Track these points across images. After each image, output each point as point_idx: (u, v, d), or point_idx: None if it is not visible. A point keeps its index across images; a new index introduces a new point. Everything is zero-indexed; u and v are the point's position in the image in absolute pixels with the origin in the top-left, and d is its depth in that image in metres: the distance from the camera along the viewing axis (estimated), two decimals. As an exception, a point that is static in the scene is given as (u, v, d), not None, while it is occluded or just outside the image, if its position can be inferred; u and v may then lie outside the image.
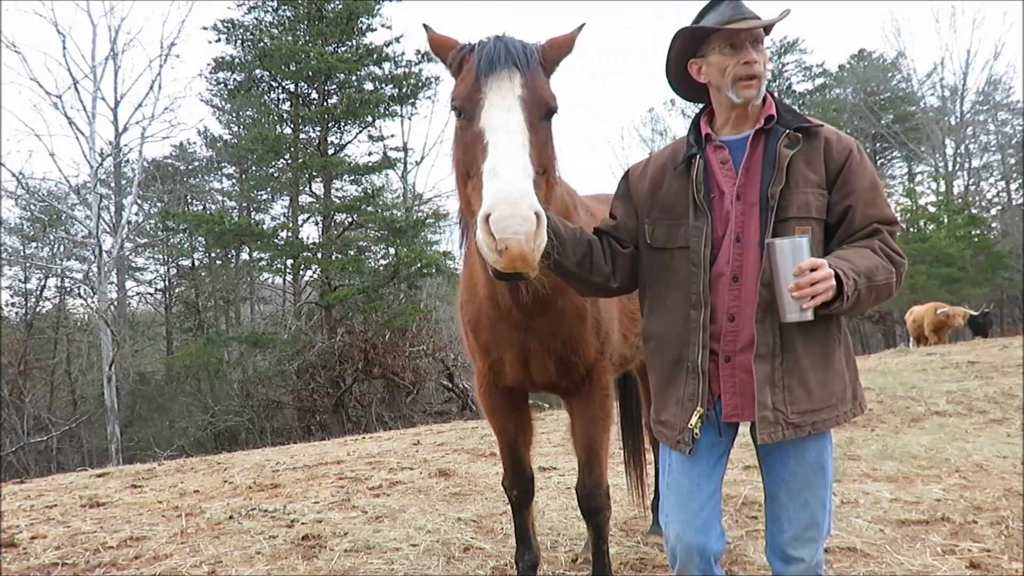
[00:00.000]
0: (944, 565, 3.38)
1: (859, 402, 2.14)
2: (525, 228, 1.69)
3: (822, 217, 2.06)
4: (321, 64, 20.97)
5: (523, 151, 1.88)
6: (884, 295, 2.01)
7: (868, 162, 2.10)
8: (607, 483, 2.96)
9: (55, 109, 21.39)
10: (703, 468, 2.14)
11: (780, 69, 41.87)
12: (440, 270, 20.52)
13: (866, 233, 2.04)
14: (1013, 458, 5.38)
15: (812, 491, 2.08)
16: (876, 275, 1.95)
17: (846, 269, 1.90)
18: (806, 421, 2.02)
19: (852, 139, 2.12)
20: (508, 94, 2.01)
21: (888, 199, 2.12)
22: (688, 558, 2.14)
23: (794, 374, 2.01)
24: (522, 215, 1.70)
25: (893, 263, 2.01)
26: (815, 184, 2.05)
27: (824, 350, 2.05)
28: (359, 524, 4.33)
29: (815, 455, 2.08)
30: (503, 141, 1.89)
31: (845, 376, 2.09)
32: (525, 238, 1.69)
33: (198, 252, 32.56)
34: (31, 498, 5.34)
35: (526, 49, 2.11)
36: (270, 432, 20.19)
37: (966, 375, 10.28)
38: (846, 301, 1.89)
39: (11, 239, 27.11)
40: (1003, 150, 35.10)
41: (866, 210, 2.04)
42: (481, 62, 2.06)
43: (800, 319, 1.92)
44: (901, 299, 27.87)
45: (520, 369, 2.74)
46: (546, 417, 8.25)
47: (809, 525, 2.08)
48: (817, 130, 2.09)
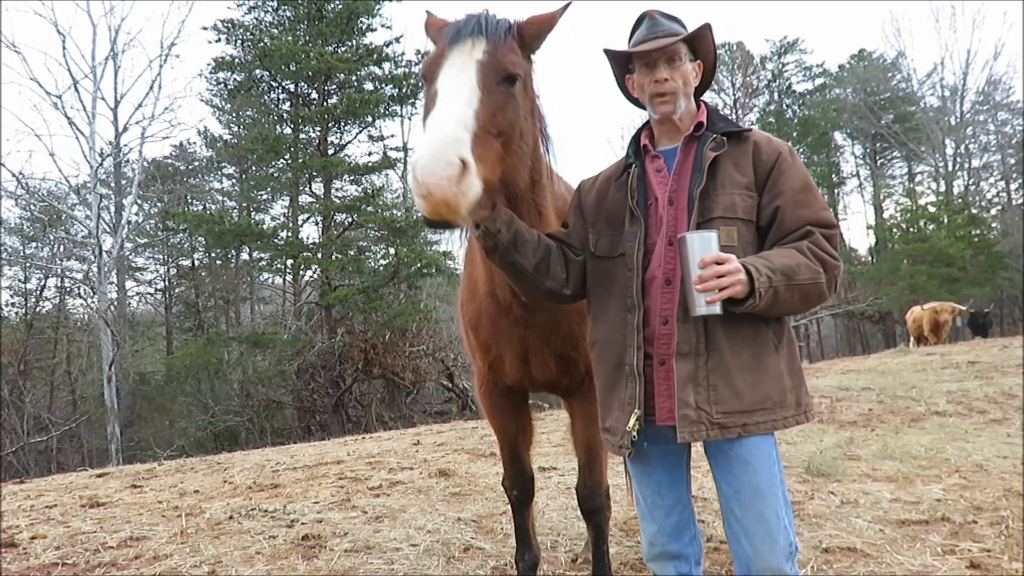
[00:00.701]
0: (944, 565, 3.38)
1: (804, 409, 2.08)
2: (447, 172, 1.71)
3: (750, 218, 2.07)
4: (321, 64, 20.97)
5: (465, 106, 1.90)
6: (814, 296, 2.00)
7: (800, 165, 2.12)
8: (607, 483, 2.96)
9: (55, 109, 21.48)
10: (660, 476, 2.18)
11: (780, 69, 41.90)
12: (440, 270, 20.52)
13: (798, 235, 2.03)
14: (1013, 458, 5.38)
15: (764, 501, 2.00)
16: (797, 274, 1.94)
17: (759, 265, 1.91)
18: (734, 422, 1.97)
19: (784, 143, 2.16)
20: (466, 58, 2.05)
21: (820, 200, 2.11)
22: (661, 566, 2.20)
23: (720, 373, 1.98)
24: (445, 159, 1.72)
25: (824, 264, 1.98)
26: (742, 186, 2.08)
27: (755, 352, 2.01)
28: (359, 524, 4.33)
29: (760, 462, 2.01)
30: (448, 96, 1.93)
31: (784, 381, 2.04)
32: (447, 182, 1.70)
33: (198, 252, 32.59)
34: (31, 498, 5.34)
35: (498, 22, 2.14)
36: (270, 432, 20.18)
37: (966, 375, 10.28)
38: (759, 298, 1.88)
39: (11, 239, 27.11)
40: (1003, 150, 35.11)
41: (797, 211, 2.04)
42: (449, 32, 2.14)
43: (707, 312, 1.91)
44: (902, 299, 27.93)
45: (520, 367, 2.74)
46: (546, 417, 8.25)
47: (766, 539, 1.99)
48: (746, 134, 2.15)
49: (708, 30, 2.22)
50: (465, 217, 1.82)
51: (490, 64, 2.04)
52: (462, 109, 1.88)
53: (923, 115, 35.55)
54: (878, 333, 36.29)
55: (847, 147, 42.78)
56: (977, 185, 36.78)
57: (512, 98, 2.06)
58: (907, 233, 31.75)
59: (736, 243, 2.03)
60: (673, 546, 2.17)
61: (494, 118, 1.97)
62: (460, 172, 1.74)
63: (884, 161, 42.49)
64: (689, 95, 2.21)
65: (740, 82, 40.60)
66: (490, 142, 1.94)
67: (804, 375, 2.15)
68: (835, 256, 2.02)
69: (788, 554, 2.00)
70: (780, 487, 2.04)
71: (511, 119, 2.04)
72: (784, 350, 2.08)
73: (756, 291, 1.88)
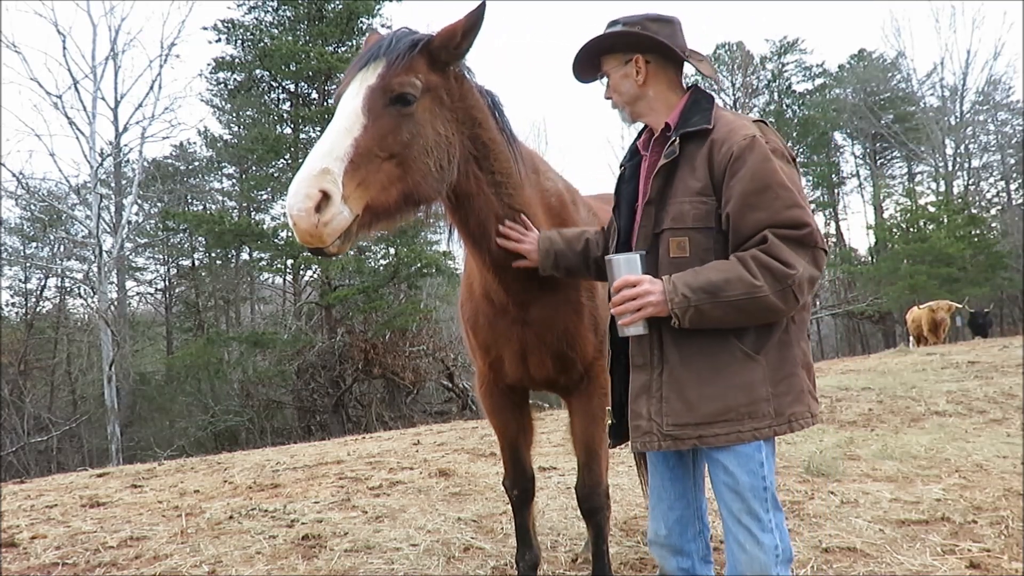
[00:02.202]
0: (944, 565, 3.38)
1: (788, 419, 1.97)
2: (303, 205, 1.85)
3: (706, 226, 1.97)
4: (321, 64, 20.98)
5: (343, 136, 1.97)
6: (758, 310, 1.88)
7: (758, 161, 1.91)
8: (607, 482, 2.96)
9: (55, 109, 21.47)
10: (664, 471, 2.20)
11: (780, 69, 41.90)
12: (440, 270, 20.53)
13: (755, 242, 1.90)
14: (1013, 458, 5.38)
15: (745, 503, 1.98)
16: (725, 290, 1.85)
17: (678, 284, 1.89)
18: (687, 434, 1.96)
19: (743, 137, 1.94)
20: (359, 85, 2.10)
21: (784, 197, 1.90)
22: (662, 556, 2.20)
23: (671, 385, 1.98)
24: (303, 193, 1.86)
25: (772, 275, 1.84)
26: (695, 192, 1.97)
27: (715, 363, 1.95)
28: (359, 524, 4.33)
29: (740, 466, 1.97)
30: (330, 127, 2.02)
31: (757, 391, 1.94)
32: (306, 214, 1.84)
33: (198, 252, 32.60)
34: (31, 498, 5.35)
35: (401, 42, 2.16)
36: (270, 432, 20.19)
37: (966, 375, 10.28)
38: (678, 318, 1.90)
39: (11, 239, 27.12)
40: (1003, 150, 35.10)
41: (750, 216, 1.90)
42: (356, 58, 2.20)
43: (630, 334, 1.99)
44: (902, 299, 27.94)
45: (519, 366, 2.75)
46: (546, 417, 8.25)
47: (749, 540, 1.97)
48: (706, 132, 2.00)
49: (616, 32, 2.12)
50: (336, 244, 1.93)
51: (379, 88, 2.08)
52: (337, 139, 1.97)
53: (923, 115, 35.53)
54: (878, 333, 36.28)
55: (847, 147, 42.80)
56: (977, 185, 36.78)
57: (407, 118, 2.09)
58: (907, 233, 31.72)
59: (688, 253, 1.97)
60: (675, 540, 2.17)
61: (383, 141, 2.03)
62: (317, 204, 1.85)
63: (884, 161, 42.48)
64: (639, 97, 2.13)
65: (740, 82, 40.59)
66: (377, 166, 2.01)
67: (802, 381, 2.02)
68: (789, 263, 1.85)
69: (776, 557, 1.96)
70: (768, 491, 1.99)
71: (405, 140, 2.08)
72: (765, 359, 1.96)
73: (672, 312, 1.90)
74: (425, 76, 2.16)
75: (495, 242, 2.43)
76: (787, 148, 2.04)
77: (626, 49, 2.12)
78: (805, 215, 1.89)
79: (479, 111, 2.35)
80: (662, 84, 2.13)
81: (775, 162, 1.92)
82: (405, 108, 2.09)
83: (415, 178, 2.10)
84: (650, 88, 2.13)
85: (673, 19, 2.15)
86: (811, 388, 2.05)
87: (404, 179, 2.07)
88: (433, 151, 2.14)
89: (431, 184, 2.14)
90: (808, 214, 1.90)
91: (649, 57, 2.11)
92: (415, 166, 2.09)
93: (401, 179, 2.06)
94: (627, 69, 2.12)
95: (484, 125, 2.36)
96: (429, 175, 2.13)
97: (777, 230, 1.88)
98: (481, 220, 2.41)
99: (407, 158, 2.08)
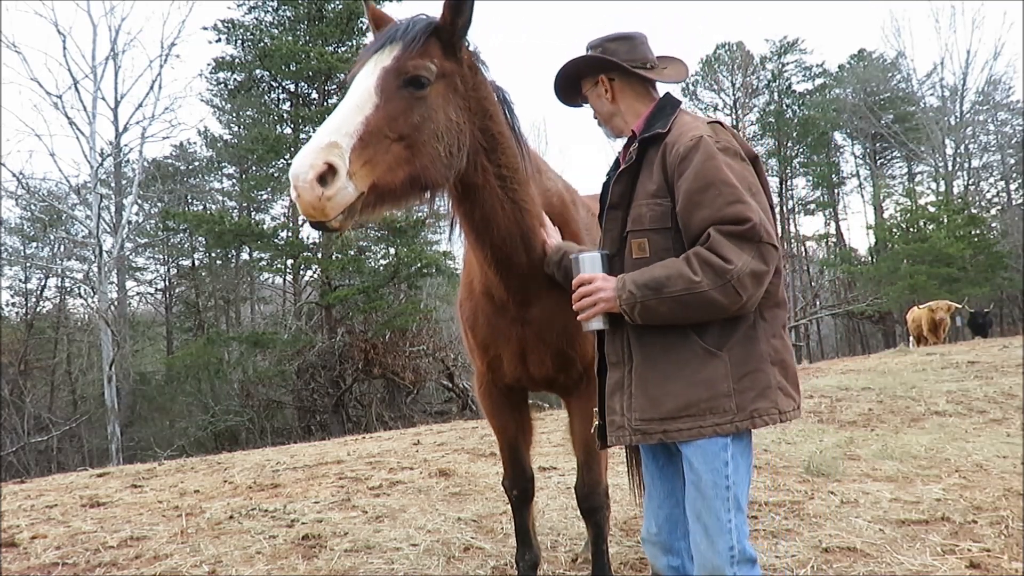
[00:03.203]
0: (944, 565, 3.38)
1: (751, 414, 1.97)
2: (307, 176, 1.83)
3: (664, 226, 2.03)
4: (321, 64, 21.00)
5: (355, 112, 1.98)
6: (699, 306, 1.90)
7: (702, 160, 1.95)
8: (606, 482, 2.96)
9: (55, 109, 21.50)
10: (653, 469, 2.24)
11: (780, 69, 41.89)
12: (440, 270, 20.55)
13: (702, 239, 1.93)
14: (1013, 458, 5.38)
15: (704, 501, 1.99)
16: (667, 286, 1.91)
17: (627, 282, 1.98)
18: (653, 429, 2.00)
19: (690, 138, 2.00)
20: (373, 66, 2.11)
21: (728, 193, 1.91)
22: (653, 554, 2.24)
23: (638, 382, 2.04)
24: (308, 163, 1.84)
25: (712, 270, 1.87)
26: (651, 194, 2.05)
27: (677, 359, 1.99)
28: (359, 524, 4.33)
29: (704, 463, 1.99)
30: (342, 104, 2.02)
31: (718, 387, 1.96)
32: (309, 185, 1.83)
33: (198, 252, 32.61)
34: (31, 498, 5.35)
35: (416, 24, 2.18)
36: (270, 432, 20.19)
37: (966, 375, 10.28)
38: (627, 313, 1.98)
39: (11, 239, 27.14)
40: (1003, 150, 35.10)
41: (694, 214, 1.94)
42: (372, 41, 2.21)
43: (590, 329, 2.11)
44: (902, 299, 27.94)
45: (518, 365, 2.75)
46: (546, 417, 8.26)
47: (704, 539, 1.99)
48: (661, 137, 2.08)
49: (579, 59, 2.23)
50: (339, 219, 1.92)
51: (393, 69, 2.09)
52: (348, 116, 1.97)
53: (923, 115, 35.53)
54: (878, 333, 36.29)
55: (847, 147, 42.78)
56: (977, 185, 36.78)
57: (419, 101, 2.10)
58: (907, 233, 31.73)
59: (648, 254, 2.04)
60: (664, 537, 2.20)
61: (393, 122, 2.02)
62: (321, 175, 1.84)
63: (884, 161, 42.47)
64: (614, 113, 2.24)
65: (740, 82, 40.63)
66: (386, 146, 2.00)
67: (769, 377, 2.01)
68: (727, 259, 1.87)
69: (730, 558, 1.97)
70: (731, 491, 1.99)
71: (416, 122, 2.08)
72: (728, 354, 1.98)
73: (621, 307, 1.98)
74: (440, 61, 2.17)
75: (498, 236, 2.44)
76: (744, 146, 2.08)
77: (592, 72, 2.24)
78: (747, 210, 1.91)
79: (491, 104, 2.37)
80: (630, 97, 2.24)
81: (719, 160, 1.95)
82: (418, 91, 2.10)
83: (423, 161, 2.09)
84: (620, 103, 2.24)
85: (633, 35, 2.24)
86: (782, 384, 2.04)
87: (412, 161, 2.07)
88: (444, 136, 2.14)
89: (439, 169, 2.14)
90: (751, 208, 1.91)
91: (613, 75, 2.22)
92: (424, 149, 2.09)
93: (409, 161, 2.06)
94: (598, 90, 2.25)
95: (495, 118, 2.37)
96: (438, 160, 2.13)
97: (720, 226, 1.91)
98: (486, 213, 2.41)
99: (416, 141, 2.08)
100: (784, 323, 2.12)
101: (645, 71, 2.20)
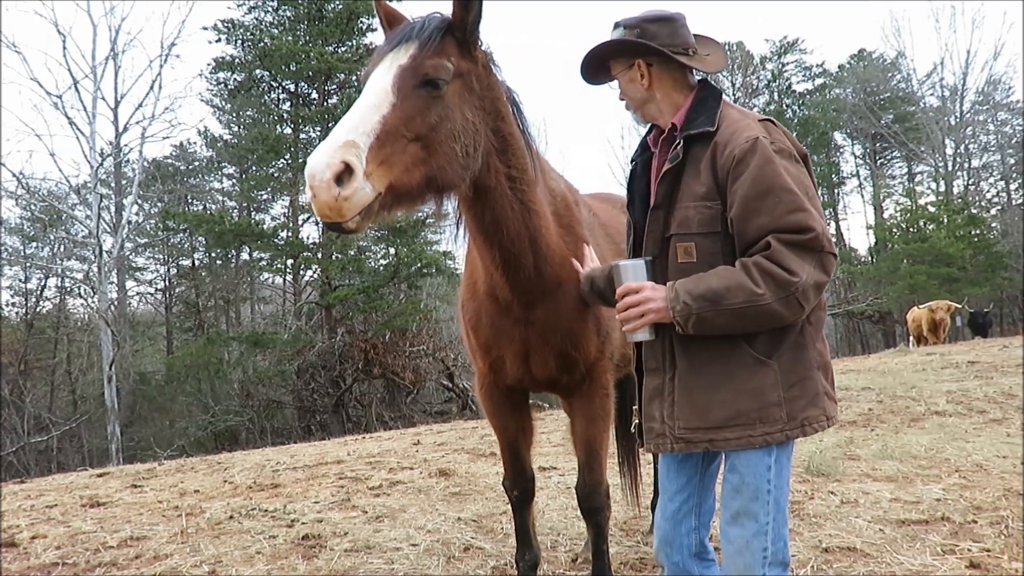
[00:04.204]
0: (944, 565, 3.38)
1: (801, 423, 1.95)
2: (324, 175, 1.79)
3: (712, 230, 1.95)
4: (321, 64, 20.99)
5: (372, 112, 1.95)
6: (759, 318, 1.85)
7: (760, 164, 1.87)
8: (607, 483, 2.96)
9: (55, 109, 21.46)
10: (670, 462, 2.21)
11: (780, 69, 41.88)
12: (440, 270, 20.53)
13: (760, 247, 1.86)
14: (1013, 458, 5.38)
15: (742, 503, 1.98)
16: (726, 298, 1.83)
17: (680, 292, 1.89)
18: (699, 438, 1.97)
19: (745, 139, 1.91)
20: (389, 64, 2.08)
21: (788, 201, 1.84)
22: (657, 547, 2.22)
23: (682, 390, 1.99)
24: (324, 162, 1.81)
25: (774, 282, 1.81)
26: (700, 197, 1.96)
27: (726, 368, 1.94)
28: (359, 524, 4.33)
29: (748, 469, 1.98)
30: (357, 103, 1.99)
31: (768, 396, 1.93)
32: (326, 184, 1.80)
33: (198, 252, 32.59)
34: (31, 498, 5.35)
35: (432, 23, 2.15)
36: (270, 432, 20.19)
37: (966, 375, 10.28)
38: (680, 325, 1.91)
39: (11, 239, 27.11)
40: (1003, 150, 35.09)
41: (752, 221, 1.87)
42: (387, 39, 2.18)
43: (636, 340, 2.05)
44: (902, 299, 27.92)
45: (521, 365, 2.75)
46: (546, 417, 8.26)
47: (739, 539, 1.98)
48: (709, 135, 1.97)
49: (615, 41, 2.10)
50: (355, 220, 1.88)
51: (410, 68, 2.06)
52: (365, 115, 1.94)
53: (923, 115, 35.50)
54: (878, 333, 36.27)
55: (847, 147, 42.75)
56: (977, 185, 36.75)
57: (436, 101, 2.07)
58: (907, 233, 31.72)
59: (695, 259, 1.97)
60: (669, 531, 2.17)
61: (410, 122, 2.00)
62: (338, 175, 1.81)
63: (884, 161, 42.46)
64: (648, 100, 2.13)
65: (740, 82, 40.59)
66: (403, 146, 1.97)
67: (817, 383, 1.98)
68: (792, 270, 1.81)
69: (763, 559, 1.96)
70: (771, 495, 1.98)
71: (433, 122, 2.05)
72: (778, 362, 1.94)
73: (674, 319, 1.90)
74: (456, 60, 2.15)
75: (507, 238, 2.44)
76: (796, 146, 2.00)
77: (627, 55, 2.11)
78: (809, 219, 1.84)
79: (503, 104, 2.36)
80: (667, 85, 2.11)
81: (778, 164, 1.88)
82: (435, 91, 2.07)
83: (440, 162, 2.07)
84: (656, 90, 2.11)
85: (674, 16, 2.11)
86: (827, 389, 2.02)
87: (428, 162, 2.04)
88: (460, 136, 2.12)
89: (455, 170, 2.12)
90: (813, 217, 1.85)
91: (651, 60, 2.09)
92: (441, 149, 2.07)
93: (425, 162, 2.03)
94: (632, 74, 2.11)
95: (506, 119, 2.37)
96: (455, 160, 2.11)
97: (781, 235, 1.84)
98: (496, 215, 2.40)
99: (433, 141, 2.05)
100: (824, 324, 2.09)
101: (687, 58, 2.07)
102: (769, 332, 1.93)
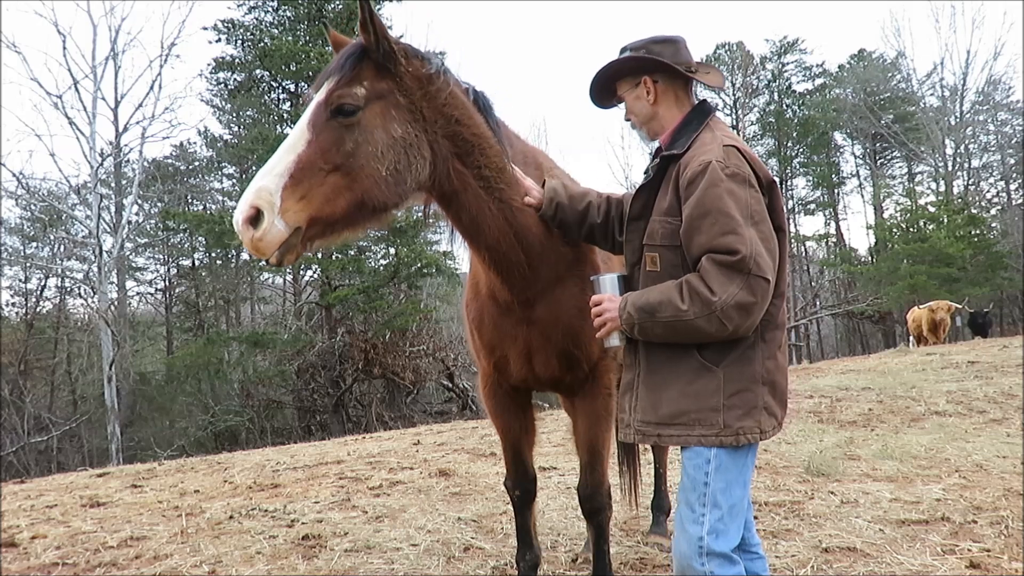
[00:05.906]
0: (944, 565, 3.38)
1: (734, 432, 2.04)
2: (236, 220, 2.00)
3: (674, 243, 2.10)
4: (321, 64, 20.92)
5: (287, 152, 2.08)
6: (686, 331, 1.99)
7: (706, 187, 1.99)
8: (609, 483, 2.96)
9: (55, 109, 21.46)
10: None
11: (780, 69, 41.88)
12: (440, 270, 20.53)
13: (700, 264, 2.00)
14: (1013, 458, 5.38)
15: (683, 495, 2.12)
16: (658, 311, 2.02)
17: (628, 303, 2.11)
18: (651, 432, 2.13)
19: (699, 163, 2.03)
20: (310, 104, 2.20)
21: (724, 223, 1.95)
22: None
23: (643, 387, 2.17)
24: (239, 210, 2.00)
25: (699, 299, 1.95)
26: (664, 212, 2.13)
27: (678, 370, 2.08)
28: (359, 524, 4.33)
29: (689, 462, 2.11)
30: (280, 147, 2.12)
31: (710, 400, 2.04)
32: (242, 229, 1.99)
33: (198, 252, 32.61)
34: (31, 498, 5.35)
35: (350, 52, 2.23)
36: (270, 432, 20.19)
37: (966, 375, 10.27)
38: (629, 332, 2.13)
39: (11, 239, 27.12)
40: (1003, 150, 35.08)
41: (692, 239, 2.02)
42: (316, 79, 2.27)
43: (608, 345, 2.25)
44: (902, 299, 27.93)
45: (524, 365, 2.75)
46: (547, 417, 8.25)
47: (679, 528, 2.10)
48: (679, 156, 2.13)
49: (624, 59, 2.26)
50: (275, 255, 2.04)
51: (323, 103, 2.16)
52: (280, 156, 2.07)
53: (923, 115, 35.48)
54: (878, 333, 36.27)
55: (847, 147, 42.75)
56: (977, 185, 36.75)
57: (351, 128, 2.15)
58: (907, 233, 31.71)
59: (659, 268, 2.12)
60: None
61: (326, 154, 2.10)
62: (249, 219, 1.99)
63: (884, 161, 42.46)
64: (652, 116, 2.27)
65: (740, 82, 40.58)
66: (321, 178, 2.08)
67: (758, 397, 2.07)
68: (713, 290, 1.93)
69: (698, 548, 2.04)
70: (709, 487, 2.06)
71: (349, 150, 2.13)
72: (723, 371, 2.05)
73: (622, 327, 2.13)
74: (371, 83, 2.20)
75: (491, 237, 2.45)
76: (761, 171, 2.09)
77: (634, 72, 2.26)
78: (738, 242, 1.95)
79: (456, 108, 2.36)
80: (670, 100, 2.26)
81: (722, 188, 1.99)
82: (347, 119, 2.14)
83: (364, 185, 2.14)
84: (660, 107, 2.26)
85: (676, 39, 2.28)
86: (769, 404, 2.11)
87: (352, 187, 2.13)
88: (386, 155, 2.18)
89: (384, 189, 2.18)
90: (743, 240, 1.95)
91: (657, 76, 2.24)
92: (363, 173, 2.14)
93: (349, 188, 2.13)
94: (638, 91, 2.27)
95: (464, 122, 2.37)
96: (380, 180, 2.17)
97: (713, 255, 1.97)
98: (473, 216, 2.42)
99: (354, 167, 2.13)
100: (781, 343, 2.18)
101: (690, 75, 2.25)
102: (720, 341, 2.05)
